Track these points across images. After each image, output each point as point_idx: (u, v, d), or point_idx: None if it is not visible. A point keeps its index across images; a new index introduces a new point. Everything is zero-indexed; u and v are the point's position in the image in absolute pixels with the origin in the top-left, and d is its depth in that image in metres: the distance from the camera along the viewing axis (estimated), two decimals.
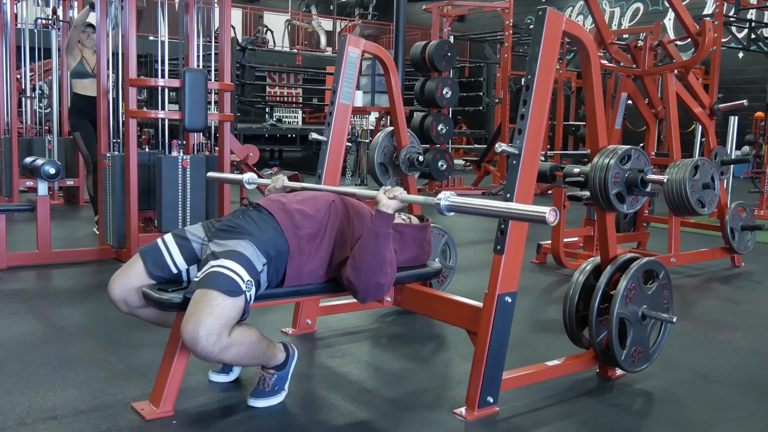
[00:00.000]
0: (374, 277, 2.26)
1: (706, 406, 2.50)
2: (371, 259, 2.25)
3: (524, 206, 2.08)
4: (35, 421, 2.17)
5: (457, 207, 2.13)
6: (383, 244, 2.26)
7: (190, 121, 4.24)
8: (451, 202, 2.12)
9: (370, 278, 2.26)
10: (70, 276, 4.20)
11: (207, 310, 2.01)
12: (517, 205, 2.12)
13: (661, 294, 2.70)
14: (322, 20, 19.08)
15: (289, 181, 2.74)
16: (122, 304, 2.28)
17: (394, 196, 2.26)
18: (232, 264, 2.10)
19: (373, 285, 2.28)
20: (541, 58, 2.32)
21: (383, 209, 2.26)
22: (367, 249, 2.25)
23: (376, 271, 2.26)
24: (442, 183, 9.50)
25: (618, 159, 2.73)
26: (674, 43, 5.22)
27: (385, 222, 2.26)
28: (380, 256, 2.26)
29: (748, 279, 4.71)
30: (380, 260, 2.26)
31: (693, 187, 4.24)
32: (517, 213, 2.06)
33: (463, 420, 2.27)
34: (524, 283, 3.11)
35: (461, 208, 2.14)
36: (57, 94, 6.95)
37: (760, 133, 10.48)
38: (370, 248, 2.25)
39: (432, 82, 5.66)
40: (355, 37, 3.20)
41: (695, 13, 10.15)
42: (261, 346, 2.22)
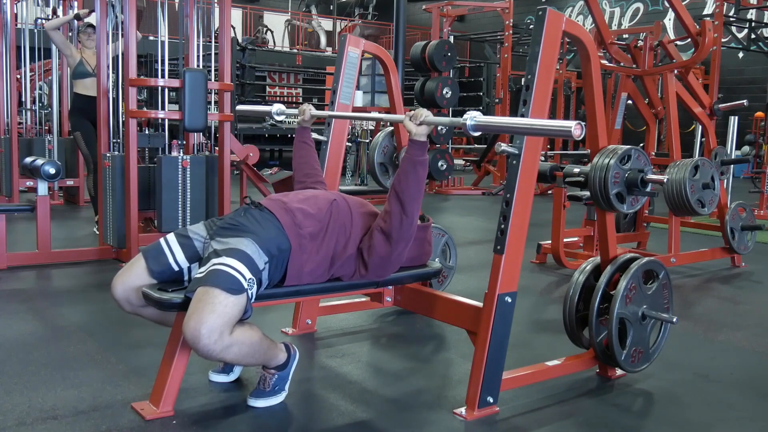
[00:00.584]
0: (417, 204, 2.32)
1: (706, 406, 2.50)
2: (413, 187, 2.30)
3: (548, 122, 2.14)
4: (35, 421, 2.17)
5: (484, 125, 2.19)
6: (421, 170, 2.31)
7: (190, 121, 4.24)
8: (477, 121, 2.17)
9: (414, 206, 2.31)
10: (70, 276, 4.20)
11: (209, 308, 2.01)
12: (541, 121, 2.18)
13: (661, 294, 2.70)
14: (322, 20, 19.08)
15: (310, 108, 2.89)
16: (125, 304, 2.29)
17: (422, 121, 2.30)
18: (234, 262, 2.10)
19: (416, 209, 2.33)
20: (541, 58, 2.32)
21: (416, 138, 2.30)
22: (408, 178, 2.30)
23: (418, 198, 2.32)
24: (442, 183, 9.51)
25: (618, 159, 2.73)
26: (674, 43, 5.22)
27: (420, 149, 2.31)
28: (420, 182, 2.31)
29: (748, 279, 4.71)
30: (420, 187, 2.32)
31: (693, 187, 4.24)
32: (544, 128, 2.12)
33: (463, 420, 2.27)
34: (524, 283, 3.10)
35: (486, 127, 2.21)
36: (57, 94, 6.95)
37: (760, 133, 10.48)
38: (410, 177, 2.30)
39: (432, 82, 5.66)
40: (355, 37, 3.20)
41: (695, 13, 10.16)
42: (263, 345, 2.22)
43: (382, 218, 2.37)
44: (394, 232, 2.32)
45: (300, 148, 2.90)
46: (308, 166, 2.86)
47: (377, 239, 2.34)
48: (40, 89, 8.48)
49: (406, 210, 2.30)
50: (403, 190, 2.30)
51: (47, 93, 8.02)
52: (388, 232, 2.33)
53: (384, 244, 2.34)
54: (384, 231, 2.33)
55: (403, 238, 2.35)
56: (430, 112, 2.33)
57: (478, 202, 8.69)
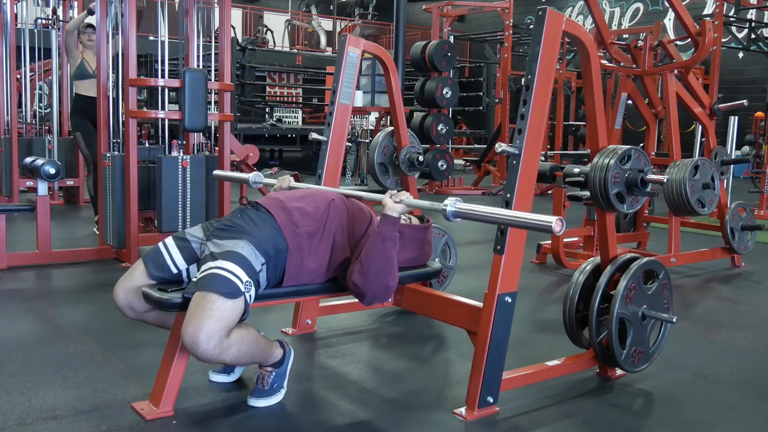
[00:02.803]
0: (383, 281, 2.28)
1: (706, 406, 2.50)
2: (379, 262, 2.26)
3: (530, 215, 2.06)
4: (35, 421, 2.17)
5: (463, 213, 2.14)
6: (390, 247, 2.27)
7: (190, 121, 4.25)
8: (458, 208, 2.13)
9: (378, 282, 2.27)
10: (70, 276, 4.20)
11: (207, 313, 2.01)
12: (523, 214, 2.09)
13: (661, 294, 2.70)
14: (322, 20, 19.07)
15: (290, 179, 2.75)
16: (128, 310, 2.29)
17: (401, 200, 2.27)
18: (230, 265, 2.10)
19: (382, 288, 2.29)
20: (541, 58, 2.32)
21: (389, 213, 2.27)
22: (375, 253, 2.26)
23: (384, 275, 2.27)
24: (442, 183, 9.50)
25: (618, 159, 2.72)
26: (674, 43, 5.22)
27: (391, 225, 2.27)
28: (388, 259, 2.27)
29: (748, 279, 4.71)
30: (388, 264, 2.27)
31: (693, 187, 4.24)
32: (524, 222, 2.05)
33: (463, 420, 2.27)
34: (524, 283, 3.10)
35: (467, 215, 2.14)
36: (57, 94, 6.95)
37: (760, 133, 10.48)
38: (378, 252, 2.26)
39: (432, 82, 5.66)
40: (355, 37, 3.20)
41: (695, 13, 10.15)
42: (259, 344, 2.23)
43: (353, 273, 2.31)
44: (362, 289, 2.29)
45: None
46: None
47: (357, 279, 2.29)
48: (40, 89, 8.47)
49: (368, 282, 2.26)
50: (368, 263, 2.26)
51: (47, 93, 8.02)
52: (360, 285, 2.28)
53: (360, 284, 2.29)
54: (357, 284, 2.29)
55: (377, 296, 2.31)
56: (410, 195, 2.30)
57: (478, 202, 8.68)
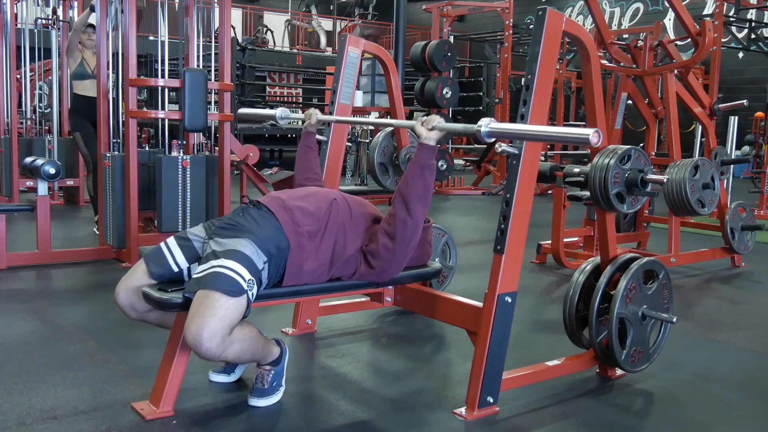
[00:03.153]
0: (423, 208, 2.31)
1: (706, 406, 2.50)
2: (420, 191, 2.29)
3: (566, 129, 2.13)
4: (35, 421, 2.17)
5: (498, 132, 2.18)
6: (429, 174, 2.30)
7: (190, 121, 4.24)
8: (492, 128, 2.17)
9: (420, 209, 2.30)
10: (70, 276, 4.20)
11: (210, 311, 2.01)
12: (559, 129, 2.18)
13: (661, 294, 2.70)
14: (322, 20, 19.08)
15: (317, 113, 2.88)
16: (130, 310, 2.28)
17: (433, 126, 2.29)
18: (232, 264, 2.10)
19: (421, 215, 2.32)
20: (541, 58, 2.32)
21: (425, 141, 2.30)
22: (414, 181, 2.29)
23: (424, 202, 2.31)
24: (442, 183, 9.51)
25: (618, 159, 2.73)
26: (674, 43, 5.22)
27: (429, 153, 2.30)
28: (427, 187, 2.31)
29: (748, 279, 4.71)
30: (427, 192, 2.31)
31: (693, 187, 4.24)
32: (561, 136, 2.12)
33: (463, 420, 2.27)
34: (524, 283, 3.10)
35: (502, 133, 2.20)
36: (57, 94, 6.95)
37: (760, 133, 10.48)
38: (417, 180, 2.29)
39: (432, 82, 5.67)
40: (355, 37, 3.20)
41: (695, 13, 10.15)
42: (259, 342, 2.24)
43: (386, 221, 2.36)
44: (398, 235, 2.31)
45: (304, 152, 2.91)
46: (310, 170, 2.87)
47: (382, 242, 2.33)
48: (40, 89, 8.47)
49: (411, 213, 2.30)
50: (408, 193, 2.30)
51: (47, 93, 8.02)
52: (392, 234, 2.32)
53: (388, 247, 2.33)
54: (389, 234, 2.33)
55: (408, 242, 2.34)
56: (442, 118, 2.33)
57: (478, 202, 8.69)
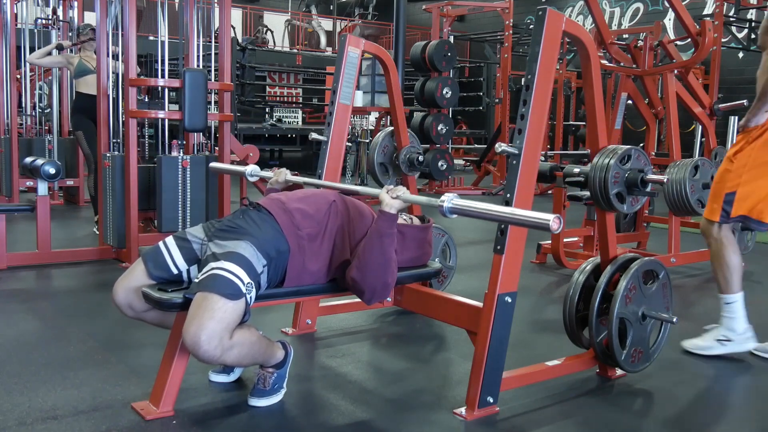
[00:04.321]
0: (381, 278, 2.27)
1: (706, 406, 2.50)
2: (377, 259, 2.25)
3: (528, 212, 2.02)
4: (35, 421, 2.17)
5: (460, 210, 2.11)
6: (388, 243, 2.26)
7: (190, 121, 4.25)
8: (455, 204, 2.11)
9: (376, 279, 2.26)
10: (70, 276, 4.20)
11: (208, 314, 2.01)
12: (521, 211, 2.06)
13: (661, 294, 2.70)
14: (322, 20, 19.07)
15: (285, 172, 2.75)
16: (127, 309, 2.28)
17: (397, 196, 2.26)
18: (232, 266, 2.10)
19: (380, 285, 2.28)
20: (541, 58, 2.32)
21: (386, 209, 2.26)
22: (372, 250, 2.26)
23: (382, 271, 2.27)
24: (442, 183, 9.50)
25: (618, 159, 2.72)
26: (674, 43, 5.22)
27: (389, 222, 2.26)
28: (386, 256, 2.26)
29: (748, 279, 4.69)
30: (386, 260, 2.27)
31: (693, 187, 4.24)
32: (521, 219, 2.01)
33: (463, 420, 2.27)
34: (524, 283, 3.10)
35: (464, 211, 2.12)
36: (57, 94, 6.95)
37: None
38: (375, 249, 2.25)
39: (432, 82, 5.66)
40: (355, 37, 3.20)
41: (695, 13, 10.15)
42: (261, 345, 2.22)
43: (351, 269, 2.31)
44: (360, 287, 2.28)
45: None
46: None
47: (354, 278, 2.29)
48: (40, 89, 8.46)
49: (365, 278, 2.26)
50: (365, 259, 2.26)
51: (47, 93, 8.01)
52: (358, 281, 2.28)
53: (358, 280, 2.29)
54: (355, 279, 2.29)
55: (376, 293, 2.30)
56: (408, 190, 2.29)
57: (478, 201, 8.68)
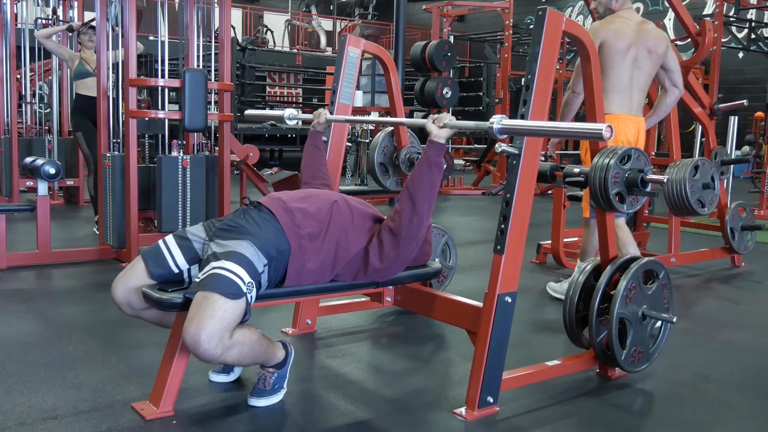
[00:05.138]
0: (429, 206, 2.32)
1: (706, 406, 2.50)
2: (426, 188, 2.30)
3: (578, 124, 2.10)
4: (35, 421, 2.17)
5: (510, 129, 2.18)
6: (436, 172, 2.31)
7: (190, 121, 4.24)
8: (504, 124, 2.16)
9: (424, 208, 2.31)
10: (70, 276, 4.20)
11: (209, 313, 2.01)
12: (572, 124, 2.18)
13: (661, 294, 2.70)
14: (322, 20, 19.07)
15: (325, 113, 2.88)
16: (126, 307, 2.28)
17: (444, 124, 2.30)
18: (232, 266, 2.10)
19: (426, 213, 2.32)
20: (541, 58, 2.32)
21: (435, 139, 2.31)
22: (422, 179, 2.30)
23: (430, 200, 2.32)
24: (442, 183, 9.50)
25: (618, 159, 2.72)
26: (674, 43, 5.22)
27: (438, 151, 2.31)
28: (434, 185, 2.31)
29: (748, 279, 4.71)
30: (434, 189, 2.32)
31: (693, 187, 4.23)
32: (573, 131, 2.08)
33: (463, 420, 2.27)
34: (524, 283, 3.10)
35: (515, 130, 2.19)
36: (57, 94, 6.95)
37: (760, 133, 10.48)
38: (425, 177, 2.30)
39: (432, 82, 5.67)
40: (355, 37, 3.20)
41: (695, 13, 10.15)
42: (261, 345, 2.22)
43: (391, 218, 2.37)
44: (403, 230, 2.32)
45: (311, 151, 2.92)
46: (316, 169, 2.88)
47: (386, 238, 2.34)
48: (40, 89, 8.47)
49: (416, 209, 2.30)
50: (415, 189, 2.31)
51: (47, 93, 8.02)
52: (397, 231, 2.33)
53: (392, 244, 2.33)
54: (393, 230, 2.33)
55: (413, 239, 2.34)
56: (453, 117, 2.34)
57: (478, 202, 8.69)
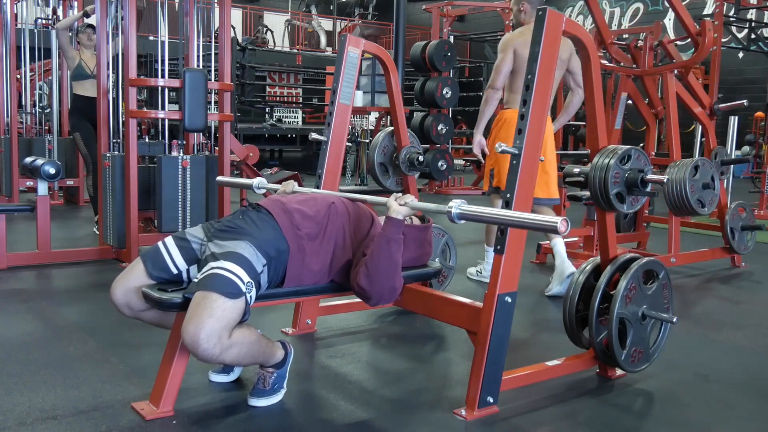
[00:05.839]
0: (388, 282, 2.29)
1: (706, 406, 2.50)
2: (385, 264, 2.27)
3: (536, 216, 2.07)
4: (35, 421, 2.17)
5: (468, 215, 2.15)
6: (395, 249, 2.28)
7: (190, 121, 4.24)
8: (462, 210, 2.14)
9: (384, 283, 2.28)
10: (70, 276, 4.20)
11: (207, 312, 2.01)
12: (529, 215, 2.10)
13: (661, 294, 2.70)
14: (322, 20, 19.08)
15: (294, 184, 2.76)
16: (125, 308, 2.28)
17: (405, 203, 2.29)
18: (231, 266, 2.10)
19: (387, 290, 2.30)
20: (541, 58, 2.32)
21: (393, 215, 2.29)
22: (380, 255, 2.27)
23: (390, 276, 2.29)
24: (442, 183, 9.50)
25: (618, 159, 2.72)
26: (674, 43, 5.22)
27: (396, 228, 2.29)
28: (393, 261, 2.28)
29: (748, 279, 4.71)
30: (393, 265, 2.29)
31: (693, 187, 4.24)
32: (529, 223, 2.05)
33: (463, 420, 2.27)
34: (524, 283, 3.10)
35: (472, 216, 2.15)
36: (57, 94, 6.95)
37: (760, 133, 10.48)
38: (383, 254, 2.27)
39: (432, 82, 5.66)
40: (355, 37, 3.20)
41: (695, 13, 10.15)
42: (260, 345, 2.22)
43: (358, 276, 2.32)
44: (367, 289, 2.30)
45: None
46: None
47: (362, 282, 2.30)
48: (40, 89, 8.47)
49: (373, 284, 2.27)
50: (374, 267, 2.27)
51: (47, 93, 8.02)
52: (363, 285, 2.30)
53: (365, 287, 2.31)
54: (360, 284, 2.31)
55: (383, 297, 2.32)
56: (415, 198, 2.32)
57: (478, 202, 8.68)
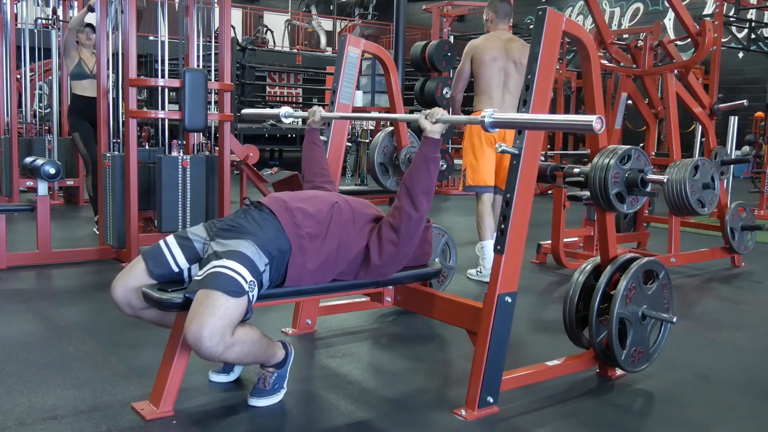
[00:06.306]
0: (427, 200, 2.35)
1: (706, 406, 2.50)
2: (424, 184, 2.33)
3: (568, 117, 2.14)
4: (35, 421, 2.17)
5: (502, 122, 2.20)
6: (434, 167, 2.34)
7: (190, 121, 4.24)
8: (495, 118, 2.19)
9: (424, 201, 2.34)
10: (70, 276, 4.20)
11: (210, 310, 2.01)
12: (562, 116, 2.19)
13: (661, 294, 2.70)
14: (322, 20, 19.08)
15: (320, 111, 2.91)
16: (126, 307, 2.28)
17: (437, 119, 2.33)
18: (234, 264, 2.10)
19: (425, 209, 2.35)
20: (541, 58, 2.32)
21: (430, 135, 2.35)
22: (419, 175, 2.33)
23: (429, 193, 2.35)
24: (442, 183, 9.50)
25: (618, 159, 2.72)
26: (674, 43, 5.22)
27: (433, 147, 2.35)
28: (431, 180, 2.35)
29: (748, 279, 4.71)
30: (432, 184, 2.35)
31: (693, 187, 4.24)
32: (563, 123, 2.12)
33: (463, 420, 2.27)
34: (524, 283, 3.10)
35: (506, 123, 2.23)
36: (57, 94, 6.95)
37: (760, 133, 10.48)
38: (422, 173, 2.33)
39: (432, 82, 5.67)
40: (355, 37, 3.20)
41: (695, 13, 10.15)
42: (262, 344, 2.22)
43: (391, 215, 2.39)
44: (403, 228, 2.34)
45: (309, 149, 2.93)
46: (317, 166, 2.89)
47: (385, 235, 2.36)
48: (40, 89, 8.47)
49: (415, 205, 2.33)
50: (413, 186, 2.33)
51: (47, 93, 8.02)
52: (396, 227, 2.35)
53: (391, 241, 2.35)
54: (392, 227, 2.36)
55: (412, 235, 2.37)
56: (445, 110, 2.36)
57: None
